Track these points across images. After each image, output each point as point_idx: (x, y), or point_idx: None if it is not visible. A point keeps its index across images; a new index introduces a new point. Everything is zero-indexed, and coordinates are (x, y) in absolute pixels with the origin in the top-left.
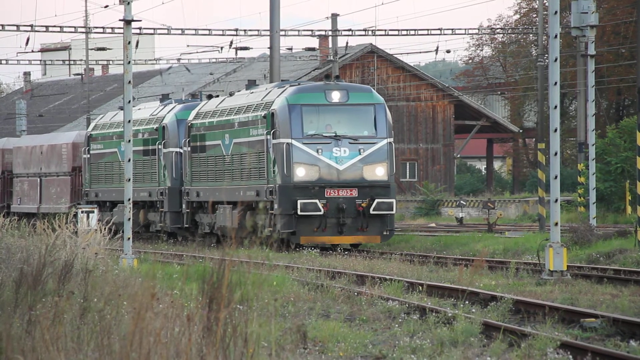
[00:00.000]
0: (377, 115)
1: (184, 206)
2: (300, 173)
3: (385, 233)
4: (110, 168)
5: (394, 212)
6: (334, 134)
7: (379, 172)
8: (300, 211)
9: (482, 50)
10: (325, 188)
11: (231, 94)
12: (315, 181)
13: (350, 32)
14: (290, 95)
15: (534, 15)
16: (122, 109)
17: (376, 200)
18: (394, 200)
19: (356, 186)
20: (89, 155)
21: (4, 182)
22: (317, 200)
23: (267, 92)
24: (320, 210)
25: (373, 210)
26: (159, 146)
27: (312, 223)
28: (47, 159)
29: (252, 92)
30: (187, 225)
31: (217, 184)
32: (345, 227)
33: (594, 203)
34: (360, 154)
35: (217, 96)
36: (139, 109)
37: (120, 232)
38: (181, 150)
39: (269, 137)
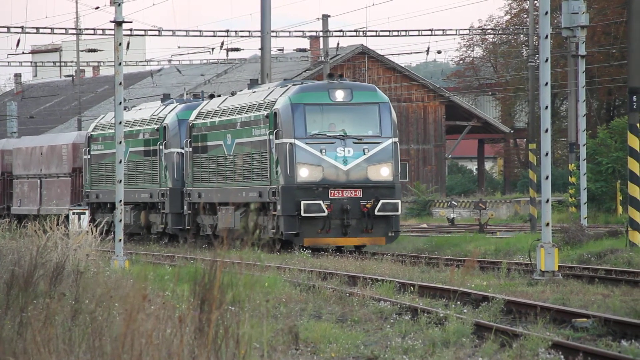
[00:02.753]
0: (381, 114)
1: (185, 207)
2: (304, 173)
3: (390, 234)
4: (111, 169)
5: (399, 213)
6: (338, 134)
7: (383, 173)
8: (304, 212)
9: (473, 50)
10: (329, 189)
11: (233, 94)
12: (319, 182)
13: (341, 33)
14: (293, 95)
15: (525, 16)
16: (125, 109)
17: (381, 201)
18: (399, 201)
19: (361, 187)
20: (89, 156)
21: (4, 184)
22: (320, 201)
23: (270, 92)
24: (324, 212)
25: (378, 211)
26: (160, 147)
27: (315, 224)
28: (47, 160)
29: (255, 92)
30: (188, 227)
31: (219, 185)
32: (349, 228)
33: (585, 203)
34: (364, 154)
35: (219, 96)
36: (140, 109)
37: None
38: (182, 151)
39: (271, 137)
